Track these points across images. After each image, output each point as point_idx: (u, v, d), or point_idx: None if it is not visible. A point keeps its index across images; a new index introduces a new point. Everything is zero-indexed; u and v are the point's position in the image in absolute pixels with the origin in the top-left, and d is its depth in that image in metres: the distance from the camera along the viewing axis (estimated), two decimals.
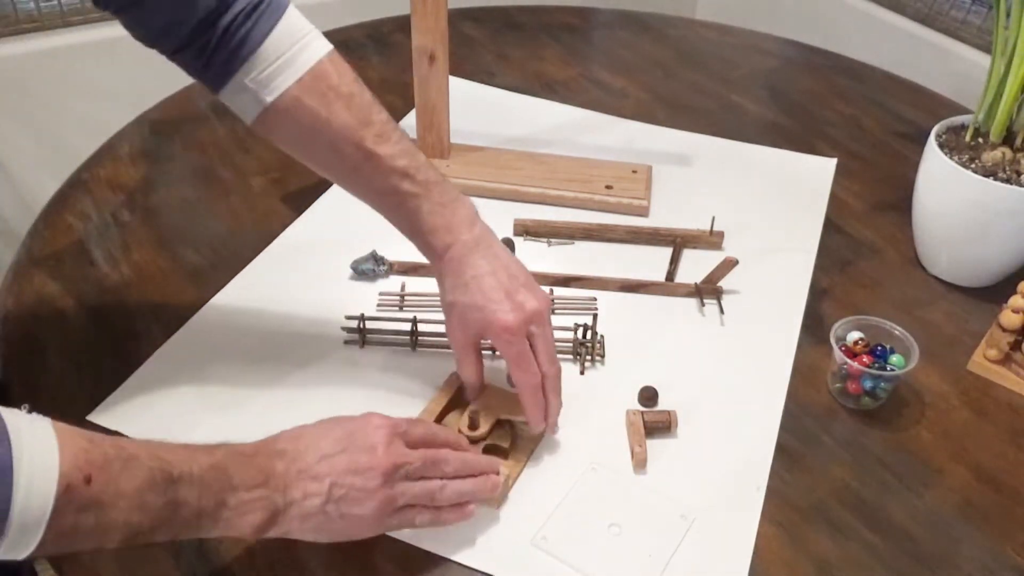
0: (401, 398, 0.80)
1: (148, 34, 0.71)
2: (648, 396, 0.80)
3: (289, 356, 0.83)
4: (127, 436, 0.73)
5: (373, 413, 0.65)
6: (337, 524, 0.60)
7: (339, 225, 1.00)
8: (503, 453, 0.73)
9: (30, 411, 0.50)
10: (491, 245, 0.74)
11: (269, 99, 0.71)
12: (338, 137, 0.71)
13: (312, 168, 0.77)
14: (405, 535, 0.68)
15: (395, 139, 0.73)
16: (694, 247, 0.99)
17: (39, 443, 0.48)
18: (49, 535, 0.47)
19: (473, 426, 0.74)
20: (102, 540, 0.51)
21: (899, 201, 1.04)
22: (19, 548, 0.47)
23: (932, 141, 0.92)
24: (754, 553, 0.68)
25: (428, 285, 0.92)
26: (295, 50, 0.71)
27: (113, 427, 0.74)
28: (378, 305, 0.90)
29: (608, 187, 1.05)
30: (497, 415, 0.74)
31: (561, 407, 0.75)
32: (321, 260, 0.94)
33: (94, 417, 0.75)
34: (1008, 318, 0.83)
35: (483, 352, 0.77)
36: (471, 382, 0.76)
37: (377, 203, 0.75)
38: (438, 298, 0.90)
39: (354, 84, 0.73)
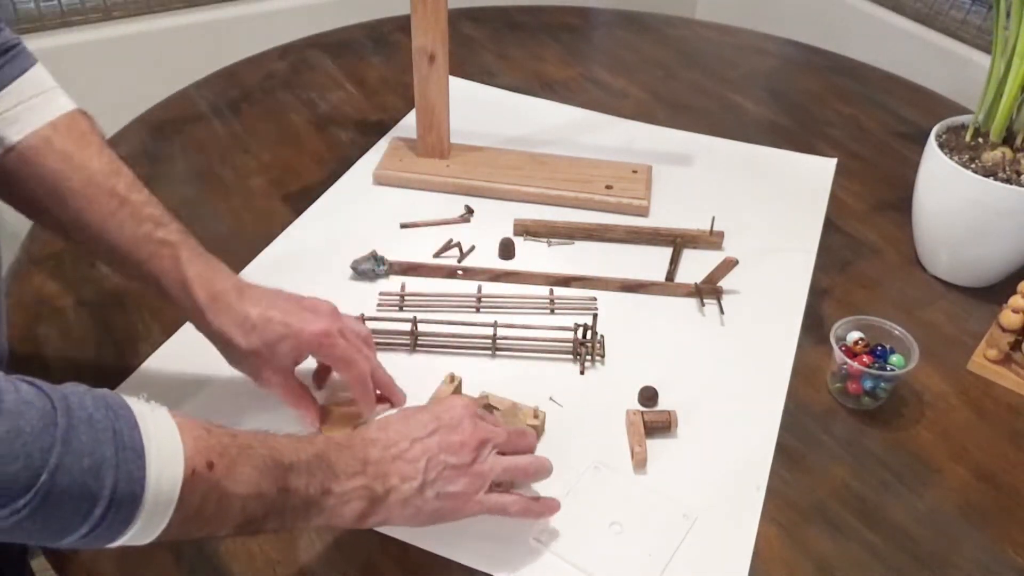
0: None
1: None
2: (648, 396, 0.80)
3: None
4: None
5: (452, 395, 0.69)
6: (433, 506, 0.61)
7: (339, 225, 1.00)
8: None
9: (148, 399, 0.51)
10: (254, 286, 0.73)
11: (16, 138, 0.67)
12: (91, 182, 0.68)
13: (51, 220, 0.71)
14: (405, 535, 0.68)
15: (144, 191, 0.71)
16: (694, 247, 0.99)
17: (163, 429, 0.49)
18: (175, 519, 0.49)
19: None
20: (219, 526, 0.53)
21: (899, 201, 1.04)
22: (147, 532, 0.49)
23: (932, 141, 0.92)
24: (754, 553, 0.68)
25: (428, 285, 0.92)
26: (47, 96, 0.69)
27: None
28: (378, 305, 0.90)
29: (608, 187, 1.05)
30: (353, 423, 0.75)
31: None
32: (321, 260, 0.94)
33: None
34: (1008, 318, 0.83)
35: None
36: (313, 416, 0.74)
37: (131, 253, 0.70)
38: (438, 298, 0.91)
39: (103, 137, 0.72)
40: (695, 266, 0.95)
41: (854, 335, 0.82)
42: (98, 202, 0.68)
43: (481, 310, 0.90)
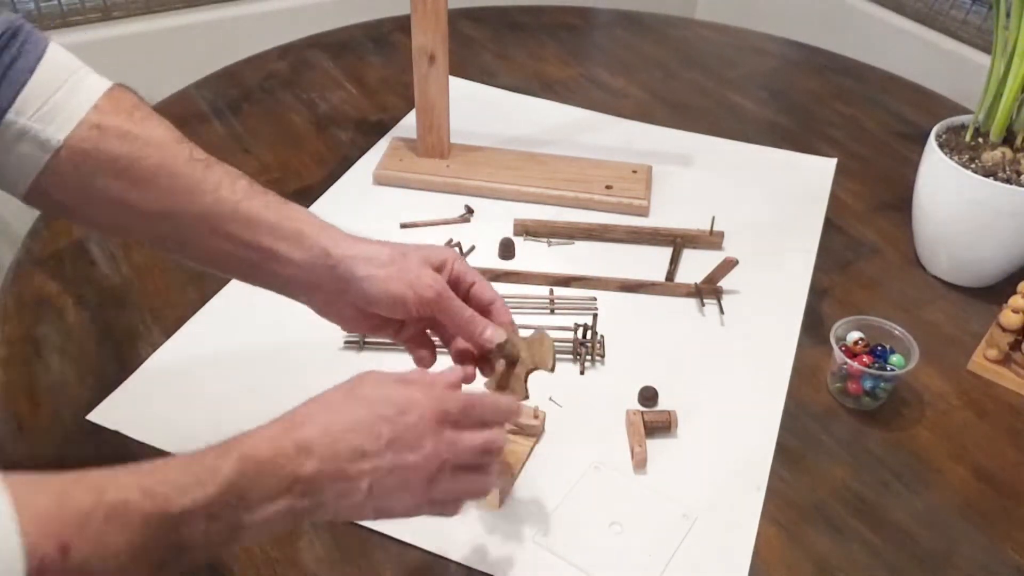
0: None
1: None
2: (648, 396, 0.80)
3: (288, 358, 0.83)
4: (127, 437, 0.72)
5: (412, 384, 0.55)
6: (370, 514, 0.54)
7: (339, 225, 1.00)
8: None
9: None
10: None
11: (61, 136, 0.57)
12: (167, 154, 0.61)
13: (124, 216, 0.61)
14: (405, 535, 0.68)
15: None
16: (694, 247, 0.99)
17: None
18: None
19: (511, 362, 0.67)
20: None
21: (899, 201, 1.04)
22: None
23: (932, 141, 0.92)
24: (754, 553, 0.68)
25: None
26: (77, 78, 0.59)
27: (113, 427, 0.74)
28: None
29: (608, 187, 1.05)
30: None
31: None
32: None
33: (94, 417, 0.75)
34: (1008, 318, 0.83)
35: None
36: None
37: (237, 212, 0.62)
38: None
39: (150, 107, 0.64)
40: (695, 266, 0.95)
41: (854, 335, 0.82)
42: (182, 171, 0.61)
43: None
